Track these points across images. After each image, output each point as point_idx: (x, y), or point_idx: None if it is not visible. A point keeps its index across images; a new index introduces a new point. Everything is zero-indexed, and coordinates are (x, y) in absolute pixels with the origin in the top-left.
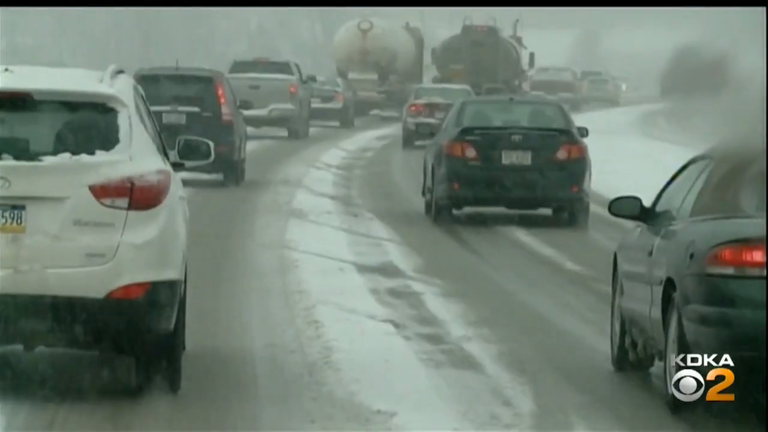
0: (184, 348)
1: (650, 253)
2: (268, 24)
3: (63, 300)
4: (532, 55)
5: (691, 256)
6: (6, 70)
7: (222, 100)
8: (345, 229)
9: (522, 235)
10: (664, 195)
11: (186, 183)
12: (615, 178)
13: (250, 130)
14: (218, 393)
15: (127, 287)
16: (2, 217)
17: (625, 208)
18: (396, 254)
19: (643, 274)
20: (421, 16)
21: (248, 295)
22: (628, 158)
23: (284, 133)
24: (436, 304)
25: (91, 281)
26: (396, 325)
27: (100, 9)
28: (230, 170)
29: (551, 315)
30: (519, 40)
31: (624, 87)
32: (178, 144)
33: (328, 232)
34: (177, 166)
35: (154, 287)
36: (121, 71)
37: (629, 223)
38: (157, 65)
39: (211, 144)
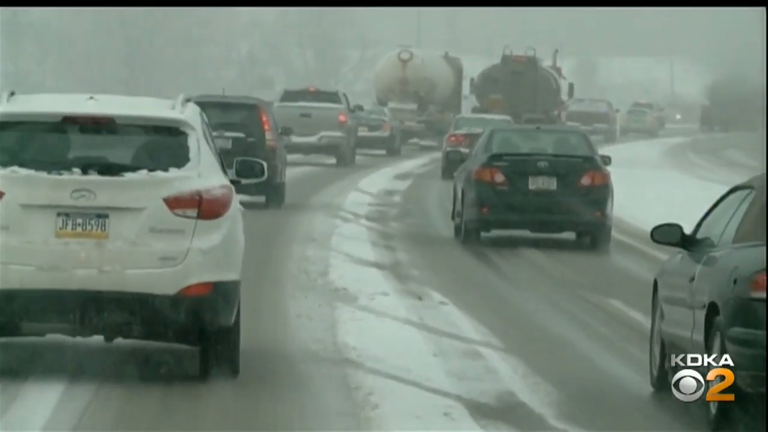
0: None
1: (692, 279)
2: (259, 51)
3: (139, 296)
4: (571, 86)
5: (735, 281)
6: (91, 98)
7: (266, 127)
8: (417, 323)
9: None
10: (705, 223)
11: None
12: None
13: (298, 157)
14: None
15: (195, 286)
16: (88, 224)
17: (667, 234)
18: (510, 374)
19: (685, 299)
20: (459, 47)
21: None
22: (656, 190)
23: (333, 160)
24: None
25: (164, 280)
26: None
27: (83, 35)
28: (272, 193)
29: None
30: (558, 70)
31: (678, 116)
32: (235, 164)
33: (396, 330)
34: (234, 183)
35: (218, 286)
36: (188, 100)
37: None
38: (144, 91)
39: (265, 164)
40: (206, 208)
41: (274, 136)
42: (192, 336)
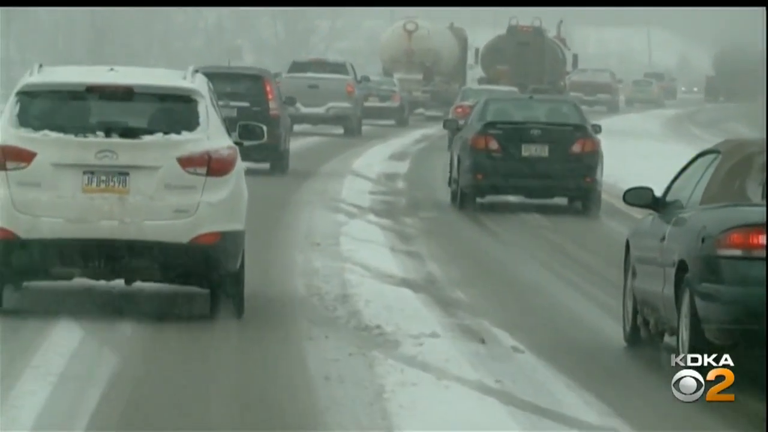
0: None
1: (663, 239)
2: (227, 21)
3: (156, 244)
4: (575, 57)
5: (703, 240)
6: (111, 69)
7: (270, 96)
8: (497, 391)
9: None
10: (674, 186)
11: None
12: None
13: (307, 127)
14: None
15: (205, 235)
16: (111, 181)
17: (638, 197)
18: None
19: (656, 258)
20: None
21: None
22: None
23: (340, 130)
24: None
25: (177, 230)
26: None
27: (49, 4)
28: (276, 160)
29: None
30: (563, 41)
31: (683, 88)
32: (238, 127)
33: (472, 406)
34: (237, 145)
35: (225, 235)
36: (197, 71)
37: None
38: (111, 62)
39: (264, 127)
40: (214, 166)
41: (277, 105)
42: (202, 280)
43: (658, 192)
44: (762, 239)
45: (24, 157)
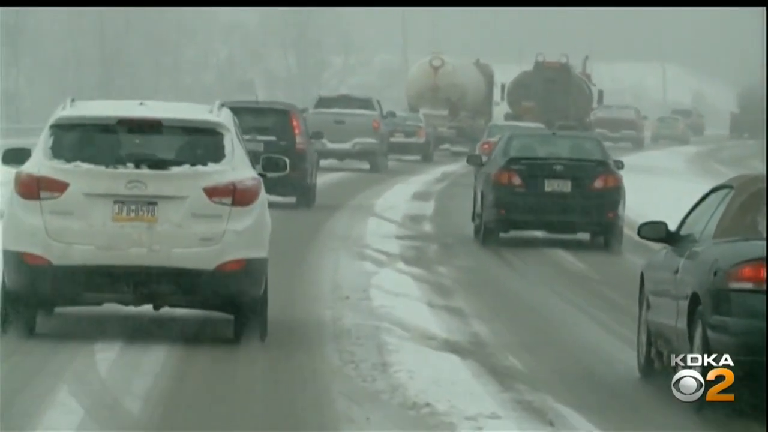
0: None
1: (676, 272)
2: (238, 55)
3: (183, 271)
4: (600, 93)
5: (715, 273)
6: (141, 104)
7: (296, 131)
8: None
9: None
10: (688, 220)
11: None
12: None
13: (333, 162)
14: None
15: (230, 262)
16: (141, 210)
17: (653, 231)
18: None
19: (669, 291)
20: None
21: None
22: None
23: (366, 166)
24: None
25: (204, 258)
26: None
27: (58, 37)
28: (302, 193)
29: None
30: (589, 77)
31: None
32: (262, 160)
33: None
34: (261, 176)
35: (249, 262)
36: (223, 105)
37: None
38: (119, 96)
39: (287, 160)
40: (239, 196)
41: (304, 140)
42: (227, 305)
43: (673, 226)
44: None
45: (57, 187)
